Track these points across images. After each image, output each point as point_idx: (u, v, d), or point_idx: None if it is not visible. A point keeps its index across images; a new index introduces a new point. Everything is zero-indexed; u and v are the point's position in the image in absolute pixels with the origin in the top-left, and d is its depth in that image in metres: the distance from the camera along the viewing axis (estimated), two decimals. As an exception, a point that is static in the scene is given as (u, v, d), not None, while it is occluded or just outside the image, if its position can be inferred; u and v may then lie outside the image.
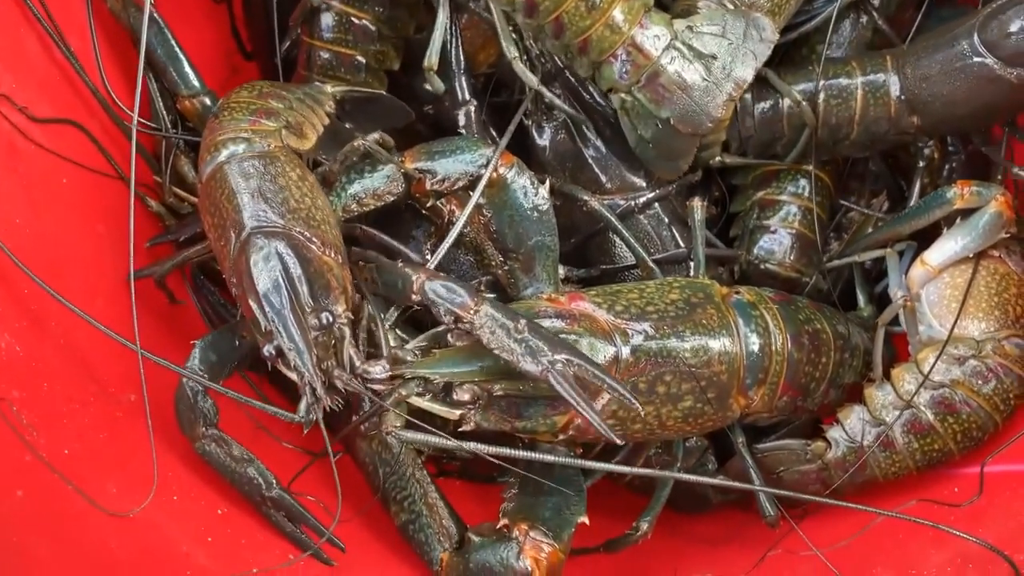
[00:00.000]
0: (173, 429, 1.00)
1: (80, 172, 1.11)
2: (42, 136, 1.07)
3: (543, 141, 1.28)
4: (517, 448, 0.98)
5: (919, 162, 1.26)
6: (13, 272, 0.96)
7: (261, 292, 0.91)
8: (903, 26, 1.32)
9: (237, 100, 1.05)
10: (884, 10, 1.29)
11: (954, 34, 1.14)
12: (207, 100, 1.19)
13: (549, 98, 1.21)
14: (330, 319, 0.92)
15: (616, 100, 1.13)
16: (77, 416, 0.93)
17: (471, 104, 1.23)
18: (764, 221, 1.28)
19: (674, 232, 1.24)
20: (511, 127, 1.13)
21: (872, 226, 1.33)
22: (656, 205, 1.24)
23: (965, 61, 1.13)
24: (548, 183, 1.10)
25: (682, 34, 1.09)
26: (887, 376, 1.13)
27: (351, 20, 1.22)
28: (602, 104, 1.25)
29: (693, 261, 1.16)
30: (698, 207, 1.17)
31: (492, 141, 1.24)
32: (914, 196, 1.26)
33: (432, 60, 1.15)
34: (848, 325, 1.16)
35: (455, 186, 1.08)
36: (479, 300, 0.91)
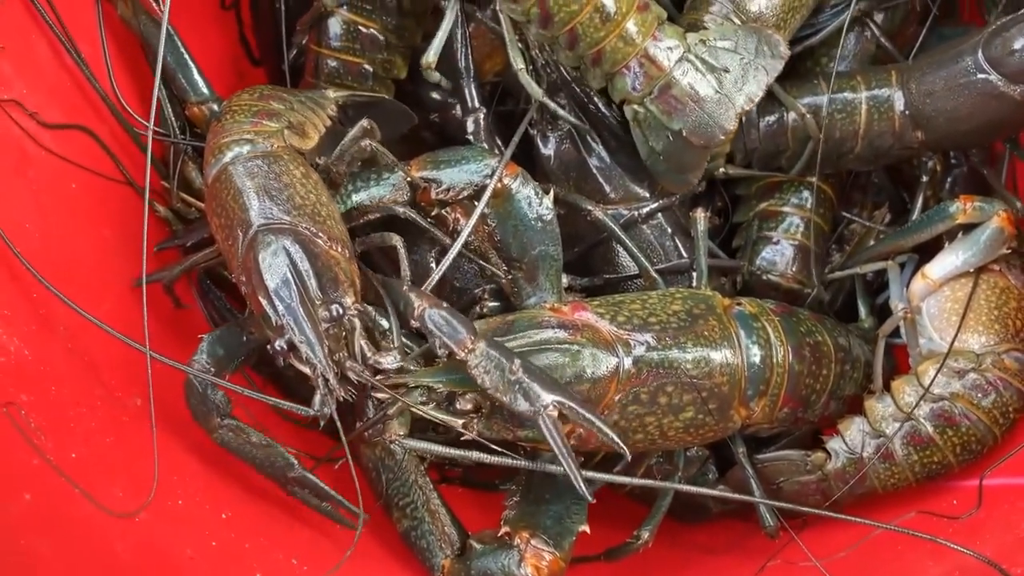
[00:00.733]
0: (178, 432, 1.01)
1: (88, 177, 1.12)
2: (52, 141, 1.08)
3: (548, 150, 1.28)
4: (519, 456, 0.99)
5: (922, 176, 1.27)
6: (22, 276, 0.97)
7: (271, 288, 0.92)
8: (906, 42, 1.33)
9: (239, 103, 1.06)
10: (887, 25, 1.30)
11: (959, 50, 1.15)
12: (215, 107, 1.20)
13: (553, 109, 1.22)
14: (340, 311, 0.93)
15: (628, 111, 1.14)
16: (84, 420, 0.94)
17: (480, 112, 1.24)
18: (766, 232, 1.29)
19: (677, 242, 1.25)
20: (515, 138, 1.14)
21: (874, 238, 1.34)
22: (659, 215, 1.25)
23: (969, 77, 1.14)
24: (552, 193, 1.11)
25: (695, 47, 1.10)
26: (887, 388, 1.14)
27: (359, 29, 1.23)
28: (607, 114, 1.26)
29: (695, 271, 1.17)
30: (701, 218, 1.17)
31: (498, 150, 1.25)
32: (916, 210, 1.27)
33: (430, 58, 1.16)
34: (849, 337, 1.17)
35: (460, 195, 1.09)
36: (475, 338, 0.91)
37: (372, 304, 1.02)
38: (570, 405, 0.90)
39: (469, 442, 0.97)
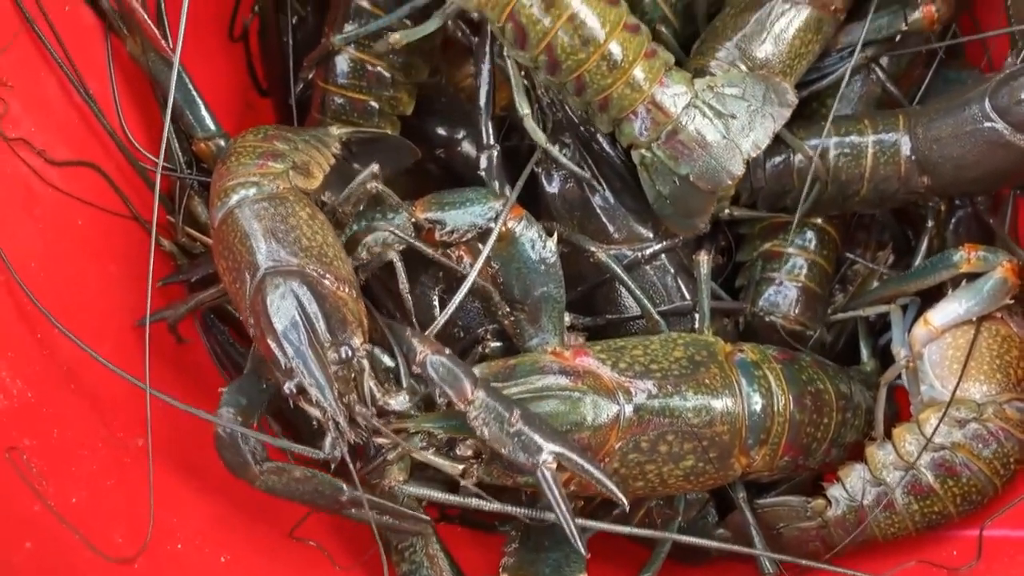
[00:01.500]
0: (179, 473, 1.01)
1: (94, 212, 1.12)
2: (59, 178, 1.08)
3: (553, 188, 1.28)
4: (520, 499, 0.99)
5: (927, 221, 1.27)
6: (29, 315, 0.97)
7: (279, 331, 0.93)
8: (912, 83, 1.34)
9: (243, 145, 1.07)
10: (893, 68, 1.30)
11: (966, 98, 1.15)
12: (222, 142, 1.20)
13: (555, 157, 1.22)
14: (349, 353, 0.93)
15: (636, 156, 1.15)
16: (85, 463, 0.94)
17: (494, 149, 1.23)
18: (770, 273, 1.29)
19: (680, 283, 1.25)
20: (519, 183, 1.14)
21: (877, 279, 1.34)
22: (662, 256, 1.25)
23: (976, 125, 1.14)
24: (556, 235, 1.11)
25: (702, 93, 1.11)
26: (888, 435, 1.14)
27: (365, 67, 1.24)
28: (613, 154, 1.26)
29: (698, 314, 1.17)
30: (703, 261, 1.17)
31: (508, 187, 1.25)
32: (920, 255, 1.27)
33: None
34: (851, 383, 1.17)
35: (464, 238, 1.09)
36: (475, 387, 0.91)
37: (378, 343, 1.03)
38: (569, 457, 0.90)
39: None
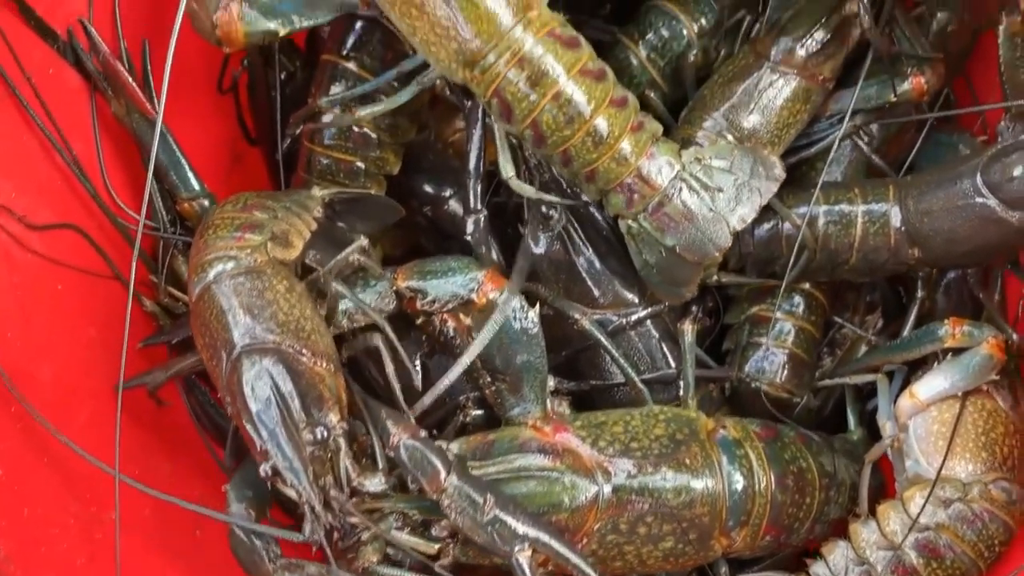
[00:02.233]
0: (149, 546, 1.00)
1: (74, 275, 1.12)
2: (39, 242, 1.08)
3: (539, 249, 1.28)
4: (498, 577, 0.98)
5: (918, 290, 1.26)
6: (3, 389, 0.97)
7: (254, 412, 0.93)
8: (903, 147, 1.33)
9: (222, 217, 1.06)
10: (883, 133, 1.30)
11: (958, 172, 1.14)
12: (206, 202, 1.20)
13: (548, 201, 1.21)
14: (324, 433, 0.93)
15: (623, 225, 1.14)
16: (56, 542, 0.93)
17: (482, 213, 1.23)
18: (756, 338, 1.28)
19: (664, 349, 1.23)
20: (517, 271, 1.11)
21: (865, 345, 1.33)
22: (647, 321, 1.24)
23: (968, 200, 1.13)
24: (538, 304, 1.10)
25: (689, 165, 1.10)
26: (872, 512, 1.13)
27: (352, 128, 1.23)
28: (599, 217, 1.26)
29: (682, 382, 1.16)
30: (688, 330, 1.16)
31: (494, 249, 1.24)
32: (909, 325, 1.26)
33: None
34: (835, 458, 1.15)
35: (445, 308, 1.08)
36: (448, 475, 0.91)
37: (358, 417, 1.02)
38: (544, 543, 0.90)
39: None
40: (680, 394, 1.17)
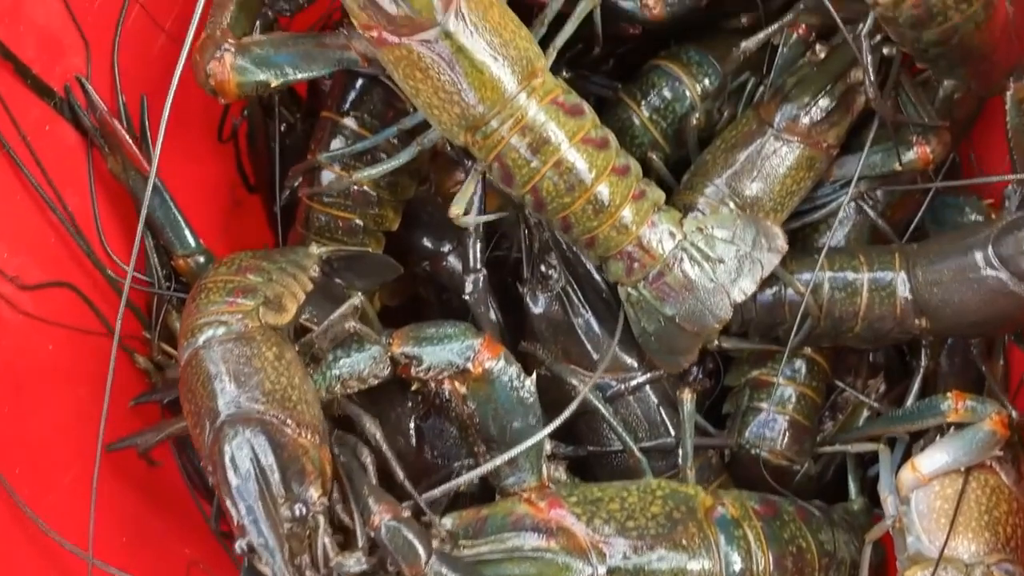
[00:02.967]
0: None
1: (66, 334, 1.10)
2: (31, 302, 1.06)
3: (538, 309, 1.26)
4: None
5: (922, 359, 1.24)
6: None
7: (232, 486, 0.91)
8: (908, 210, 1.31)
9: (215, 280, 1.04)
10: (888, 198, 1.28)
11: (968, 243, 1.13)
12: (201, 259, 1.19)
13: (545, 271, 1.21)
14: (303, 510, 0.91)
15: (622, 292, 1.13)
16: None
17: (481, 273, 1.22)
18: (757, 403, 1.27)
19: (663, 415, 1.22)
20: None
21: (867, 410, 1.32)
22: (646, 387, 1.22)
23: (978, 272, 1.11)
24: (535, 373, 1.09)
25: (691, 235, 1.09)
26: (872, 591, 1.11)
27: (351, 185, 1.22)
28: (599, 279, 1.24)
29: (681, 452, 1.15)
30: (687, 399, 1.15)
31: (491, 308, 1.23)
32: (913, 394, 1.24)
33: (456, 210, 1.13)
34: (835, 535, 1.13)
35: (440, 375, 1.07)
36: (429, 560, 0.89)
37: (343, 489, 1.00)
38: None
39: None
40: (679, 462, 1.15)
